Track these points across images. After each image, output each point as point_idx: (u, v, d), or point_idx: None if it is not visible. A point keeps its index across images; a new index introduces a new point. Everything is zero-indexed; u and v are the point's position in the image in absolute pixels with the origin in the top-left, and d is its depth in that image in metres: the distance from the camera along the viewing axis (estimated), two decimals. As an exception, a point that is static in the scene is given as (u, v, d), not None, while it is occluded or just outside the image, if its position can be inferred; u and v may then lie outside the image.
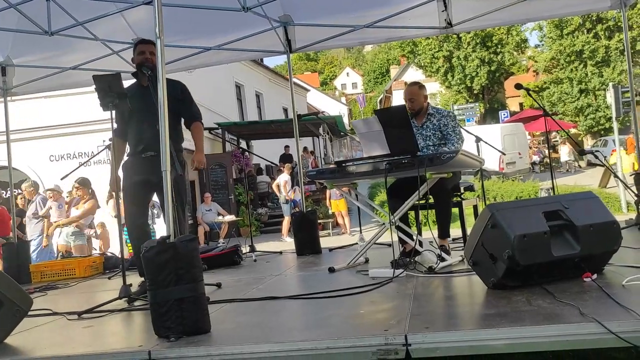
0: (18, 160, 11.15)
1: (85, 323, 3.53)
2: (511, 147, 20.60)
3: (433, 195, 4.43)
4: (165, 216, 2.98)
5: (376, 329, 2.65)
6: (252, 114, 23.39)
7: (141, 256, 2.86)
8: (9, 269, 6.15)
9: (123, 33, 6.06)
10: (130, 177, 4.44)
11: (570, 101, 32.45)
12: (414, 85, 4.88)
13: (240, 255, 5.95)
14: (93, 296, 4.87)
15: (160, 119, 2.99)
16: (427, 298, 3.32)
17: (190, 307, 2.80)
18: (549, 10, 6.60)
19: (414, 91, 4.74)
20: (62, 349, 2.95)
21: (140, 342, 2.86)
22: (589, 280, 3.10)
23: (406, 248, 4.56)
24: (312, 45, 6.86)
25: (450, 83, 35.98)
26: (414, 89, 4.77)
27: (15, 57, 6.59)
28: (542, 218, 3.13)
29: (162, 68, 3.00)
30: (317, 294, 3.59)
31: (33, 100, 11.98)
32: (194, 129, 4.59)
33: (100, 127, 12.32)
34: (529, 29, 36.43)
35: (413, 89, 4.79)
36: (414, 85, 4.85)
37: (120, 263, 5.30)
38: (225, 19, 6.18)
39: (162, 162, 2.95)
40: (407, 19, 6.31)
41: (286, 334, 2.83)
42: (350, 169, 4.39)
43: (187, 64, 6.97)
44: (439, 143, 4.62)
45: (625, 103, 13.58)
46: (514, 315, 2.60)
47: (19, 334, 3.25)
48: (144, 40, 4.50)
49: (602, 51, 31.35)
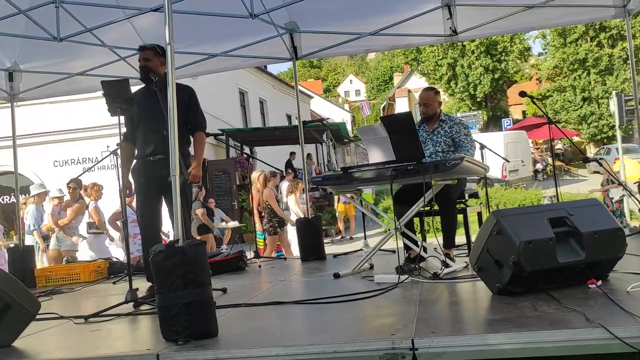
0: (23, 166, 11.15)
1: (93, 327, 3.55)
2: (514, 155, 20.63)
3: (438, 203, 4.45)
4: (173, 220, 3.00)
5: (383, 333, 2.67)
6: (256, 120, 23.42)
7: (150, 260, 2.88)
8: (14, 273, 6.15)
9: (130, 39, 6.10)
10: (140, 180, 4.50)
11: (573, 109, 32.47)
12: (430, 90, 4.93)
13: (245, 261, 5.97)
14: (99, 300, 4.89)
15: (170, 124, 3.02)
16: (433, 303, 3.34)
17: (198, 311, 2.82)
18: (552, 18, 6.63)
19: (430, 96, 4.79)
20: (69, 352, 2.97)
21: (148, 345, 2.88)
22: (593, 286, 3.12)
23: (411, 254, 4.58)
24: (318, 52, 6.90)
25: (453, 90, 36.06)
26: (429, 94, 4.82)
27: (22, 62, 6.63)
28: (547, 224, 3.15)
29: (172, 74, 3.04)
30: (323, 299, 3.60)
31: (38, 105, 12.03)
32: (196, 138, 4.63)
33: (105, 133, 12.37)
34: (532, 37, 36.59)
35: (429, 94, 4.84)
36: (430, 91, 4.90)
37: (125, 268, 5.34)
38: (231, 26, 6.22)
39: (171, 167, 2.98)
40: (412, 26, 6.35)
41: (293, 338, 2.84)
42: (356, 175, 4.41)
43: (193, 71, 7.01)
44: (448, 150, 4.64)
45: (629, 111, 13.58)
46: (520, 320, 2.62)
47: (27, 337, 3.27)
48: (141, 47, 4.59)
49: (605, 59, 31.41)
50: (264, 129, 21.15)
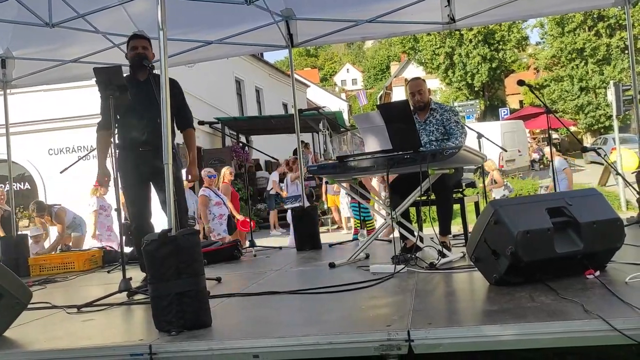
0: (17, 154, 11.10)
1: (85, 317, 3.52)
2: (511, 145, 20.59)
3: (435, 192, 4.41)
4: (167, 210, 2.96)
5: (378, 324, 2.64)
6: (252, 109, 23.33)
7: (142, 249, 2.84)
8: (7, 263, 6.11)
9: (124, 26, 6.02)
10: (128, 171, 4.37)
11: (570, 99, 32.44)
12: (418, 79, 4.93)
13: (240, 250, 5.94)
14: (92, 290, 4.85)
15: (163, 113, 2.97)
16: (429, 294, 3.31)
17: (191, 301, 2.78)
18: (551, 6, 6.58)
19: (420, 84, 4.79)
20: (61, 342, 2.93)
21: (141, 336, 2.84)
22: (591, 277, 3.09)
23: (407, 244, 4.55)
24: (314, 40, 6.82)
25: (450, 80, 35.93)
26: (419, 82, 4.83)
27: (15, 49, 6.55)
28: (545, 214, 3.11)
29: (164, 60, 2.98)
30: (318, 289, 3.57)
31: (32, 93, 11.94)
32: (187, 135, 4.56)
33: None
34: (530, 26, 36.41)
35: (419, 81, 4.83)
36: (419, 79, 4.91)
37: (119, 257, 5.29)
38: (227, 13, 6.14)
39: (164, 156, 2.93)
40: (409, 14, 6.27)
41: (287, 328, 2.81)
42: (352, 164, 4.37)
43: (187, 58, 6.93)
44: (442, 138, 4.61)
45: (626, 101, 13.55)
46: (517, 311, 2.59)
47: (18, 327, 3.23)
48: (136, 36, 4.48)
49: (603, 49, 31.32)
50: (260, 118, 21.08)
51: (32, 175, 13.96)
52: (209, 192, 7.73)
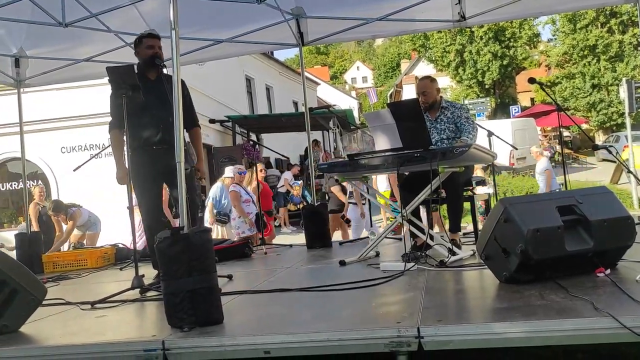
0: (30, 152, 11.19)
1: (99, 313, 3.56)
2: (522, 143, 20.44)
3: (445, 189, 4.42)
4: (179, 207, 2.99)
5: (388, 321, 2.65)
6: (262, 107, 23.37)
7: (155, 247, 2.88)
8: (21, 259, 6.19)
9: (136, 25, 6.05)
10: (142, 170, 4.42)
11: (582, 96, 32.13)
12: (425, 78, 4.89)
13: (251, 248, 5.97)
14: (105, 287, 4.90)
15: (175, 111, 3.01)
16: (439, 291, 3.32)
17: (203, 298, 2.82)
18: (562, 3, 6.54)
19: (426, 84, 4.74)
20: (76, 337, 2.98)
21: (154, 332, 2.88)
22: (602, 275, 3.09)
23: (417, 242, 4.56)
24: (324, 38, 6.84)
25: (461, 77, 35.72)
26: (426, 82, 4.78)
27: (28, 49, 6.62)
28: (555, 212, 3.11)
29: (176, 60, 3.01)
30: (328, 287, 3.59)
31: (44, 92, 12.03)
32: (194, 135, 4.59)
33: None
34: (541, 22, 36.20)
35: (425, 82, 4.79)
36: (426, 79, 4.86)
37: (132, 254, 5.35)
38: (237, 11, 6.17)
39: (177, 154, 2.97)
40: (420, 12, 6.26)
41: (298, 325, 2.84)
42: (362, 162, 4.38)
43: (198, 57, 6.97)
44: (453, 136, 4.60)
45: (639, 98, 13.45)
46: (527, 309, 2.60)
47: (33, 323, 3.28)
48: (151, 35, 4.47)
49: (615, 46, 30.97)
50: (270, 116, 21.10)
51: (45, 173, 14.08)
52: (239, 188, 7.75)
